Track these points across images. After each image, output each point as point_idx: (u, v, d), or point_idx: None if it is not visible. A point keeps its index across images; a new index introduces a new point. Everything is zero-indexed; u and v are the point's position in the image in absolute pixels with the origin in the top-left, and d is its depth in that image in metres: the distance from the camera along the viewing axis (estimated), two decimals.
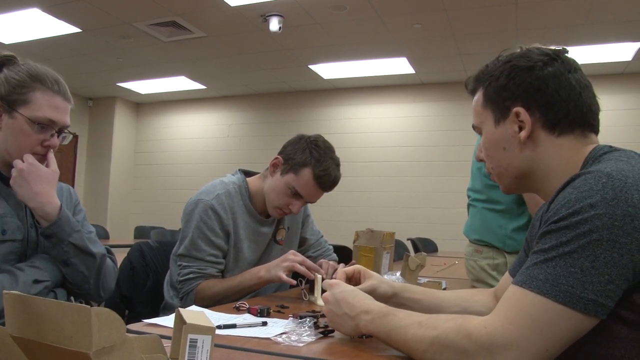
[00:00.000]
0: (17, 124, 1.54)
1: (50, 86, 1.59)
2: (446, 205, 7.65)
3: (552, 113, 1.11)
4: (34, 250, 1.62)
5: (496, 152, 1.18)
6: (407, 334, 1.03)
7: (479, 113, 1.20)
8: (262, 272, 1.92)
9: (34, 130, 1.55)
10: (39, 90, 1.57)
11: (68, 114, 1.64)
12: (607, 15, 5.22)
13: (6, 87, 1.55)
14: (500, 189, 1.25)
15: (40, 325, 0.58)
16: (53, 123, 1.57)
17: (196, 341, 0.77)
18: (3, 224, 1.52)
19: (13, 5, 5.46)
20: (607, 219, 0.88)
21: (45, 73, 1.61)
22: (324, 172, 2.01)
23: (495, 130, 1.16)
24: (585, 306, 0.88)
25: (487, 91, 1.17)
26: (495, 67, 1.17)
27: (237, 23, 5.87)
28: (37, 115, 1.54)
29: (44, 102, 1.57)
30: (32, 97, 1.55)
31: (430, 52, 6.64)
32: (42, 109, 1.56)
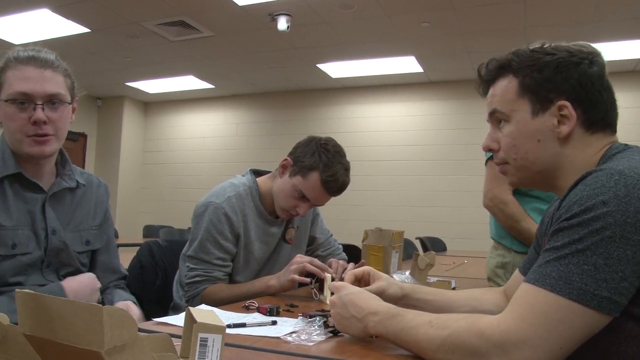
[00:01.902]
0: (2, 111, 1.49)
1: (22, 61, 1.49)
2: (455, 204, 7.62)
3: (593, 112, 1.11)
4: (56, 257, 1.58)
5: (527, 143, 1.14)
6: (417, 334, 1.02)
7: (510, 101, 1.15)
8: (272, 280, 1.92)
9: (15, 110, 1.46)
10: (10, 69, 1.49)
11: (49, 83, 1.51)
12: (617, 12, 5.18)
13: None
14: (508, 181, 1.22)
15: (52, 323, 0.58)
16: (27, 96, 1.46)
17: (206, 340, 0.77)
18: (13, 236, 1.47)
19: (23, 6, 5.49)
20: (619, 216, 0.88)
21: (21, 51, 1.52)
22: (332, 177, 1.99)
23: (531, 121, 1.13)
24: (599, 303, 0.87)
25: (525, 80, 1.13)
26: (532, 58, 1.13)
27: (245, 22, 5.87)
28: (10, 93, 1.46)
29: (14, 77, 1.47)
30: (4, 77, 1.48)
31: (438, 50, 6.62)
32: (13, 84, 1.46)
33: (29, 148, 1.48)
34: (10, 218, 1.47)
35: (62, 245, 1.58)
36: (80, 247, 1.67)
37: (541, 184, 1.19)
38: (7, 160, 1.51)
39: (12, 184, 1.51)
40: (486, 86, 1.23)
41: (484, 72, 1.23)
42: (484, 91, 1.25)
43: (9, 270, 1.46)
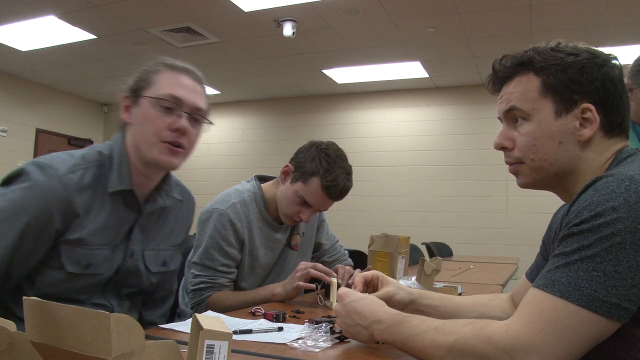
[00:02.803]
0: (143, 110, 1.41)
1: (178, 69, 1.46)
2: (461, 210, 7.60)
3: (614, 116, 1.09)
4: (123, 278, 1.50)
5: (548, 144, 1.10)
6: (424, 340, 1.01)
7: (531, 99, 1.12)
8: (277, 288, 1.91)
9: (159, 112, 1.40)
10: (163, 72, 1.44)
11: (200, 97, 1.48)
12: (623, 17, 5.17)
13: (133, 80, 1.46)
14: (520, 182, 1.19)
15: (59, 331, 0.58)
16: (178, 100, 1.41)
17: (213, 347, 0.76)
18: (90, 257, 1.39)
19: (30, 13, 5.53)
20: (629, 222, 0.87)
21: (176, 61, 1.49)
22: (332, 182, 1.98)
23: (554, 122, 1.09)
24: (609, 310, 0.87)
25: (549, 79, 1.09)
26: (556, 57, 1.10)
27: (250, 28, 5.89)
28: (161, 93, 1.40)
29: (167, 80, 1.43)
30: (156, 78, 1.43)
31: (443, 55, 6.62)
32: (165, 86, 1.41)
33: (159, 155, 1.41)
34: (95, 237, 1.39)
35: (134, 269, 1.52)
36: (156, 268, 1.60)
37: (554, 186, 1.16)
38: (124, 173, 1.44)
39: (115, 200, 1.43)
40: (499, 83, 1.19)
41: (499, 67, 1.19)
42: (495, 88, 1.21)
43: (76, 287, 1.40)
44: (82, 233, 1.36)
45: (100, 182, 1.40)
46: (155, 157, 1.41)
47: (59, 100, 8.88)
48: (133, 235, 1.49)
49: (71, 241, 1.35)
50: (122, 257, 1.48)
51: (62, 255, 1.35)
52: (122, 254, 1.47)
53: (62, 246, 1.34)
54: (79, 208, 1.35)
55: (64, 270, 1.36)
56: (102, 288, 1.48)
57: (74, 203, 1.33)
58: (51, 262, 1.35)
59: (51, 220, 1.31)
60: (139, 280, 1.56)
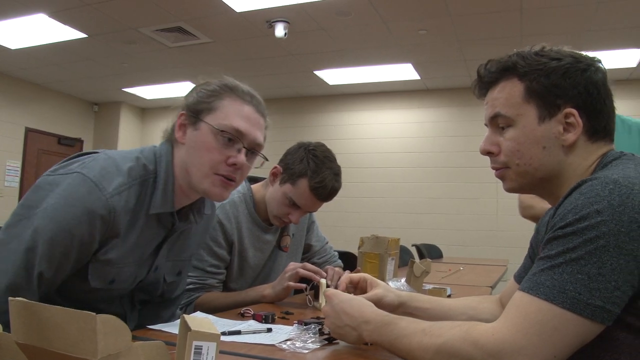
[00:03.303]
0: (201, 136, 1.34)
1: (242, 95, 1.41)
2: (451, 211, 7.63)
3: (597, 120, 1.10)
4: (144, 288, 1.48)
5: (532, 149, 1.10)
6: (411, 342, 1.02)
7: (515, 105, 1.12)
8: (267, 290, 1.91)
9: (219, 143, 1.33)
10: (228, 98, 1.38)
11: (261, 131, 1.42)
12: (612, 22, 5.21)
13: (195, 97, 1.40)
14: (506, 187, 1.19)
15: (45, 332, 0.58)
16: (241, 134, 1.35)
17: (201, 348, 0.76)
18: (116, 273, 1.35)
19: (19, 10, 5.49)
20: (613, 225, 0.88)
21: (239, 84, 1.43)
22: (320, 183, 1.97)
23: (537, 127, 1.10)
24: (593, 312, 0.87)
25: (532, 85, 1.10)
26: (539, 62, 1.10)
27: (242, 29, 5.88)
28: (223, 124, 1.34)
29: (232, 110, 1.37)
30: (220, 105, 1.37)
31: (435, 58, 6.64)
32: (229, 116, 1.35)
33: (211, 187, 1.35)
34: (125, 256, 1.35)
35: (155, 281, 1.50)
36: (172, 278, 1.58)
37: (541, 190, 1.17)
38: (168, 194, 1.38)
39: (151, 220, 1.38)
40: (485, 88, 1.19)
41: (484, 73, 1.18)
42: (481, 93, 1.21)
43: (96, 298, 1.38)
44: (113, 254, 1.32)
45: (140, 202, 1.35)
46: (206, 189, 1.36)
47: (49, 99, 8.82)
48: (161, 251, 1.46)
49: (101, 260, 1.31)
50: (146, 271, 1.45)
51: (90, 272, 1.31)
52: (147, 269, 1.45)
53: (91, 263, 1.31)
54: (119, 230, 1.30)
55: (88, 285, 1.33)
56: (120, 298, 1.47)
57: (116, 226, 1.29)
58: (78, 275, 1.31)
59: (93, 242, 1.27)
60: (156, 289, 1.54)
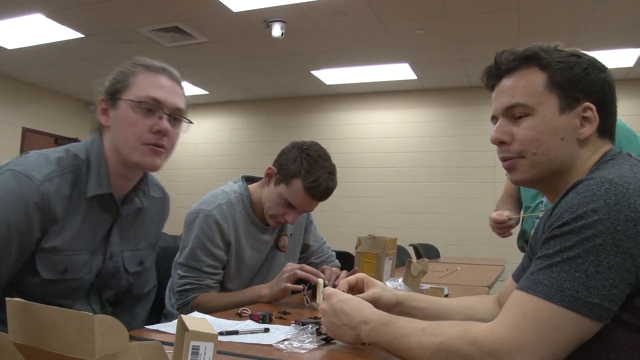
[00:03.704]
0: (122, 113, 1.40)
1: (153, 69, 1.45)
2: (448, 211, 7.63)
3: (608, 119, 1.13)
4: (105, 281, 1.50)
5: (551, 139, 1.11)
6: (410, 342, 1.02)
7: (536, 93, 1.12)
8: (264, 290, 1.91)
9: (139, 115, 1.39)
10: (141, 74, 1.43)
11: (179, 97, 1.47)
12: (609, 22, 5.22)
13: (110, 81, 1.44)
14: (516, 177, 1.17)
15: (43, 332, 0.58)
16: (158, 102, 1.41)
17: (198, 348, 0.76)
18: (67, 262, 1.38)
19: (16, 10, 5.48)
20: (610, 224, 0.89)
21: (150, 60, 1.47)
22: (314, 183, 1.96)
23: (558, 118, 1.11)
24: (591, 310, 0.88)
25: (556, 76, 1.11)
26: (560, 55, 1.13)
27: (239, 29, 5.88)
28: (140, 95, 1.39)
29: (146, 82, 1.42)
30: (134, 81, 1.42)
31: (432, 57, 6.64)
32: (144, 88, 1.40)
33: (142, 157, 1.41)
34: (71, 243, 1.38)
35: (115, 270, 1.51)
36: (134, 268, 1.60)
37: (547, 184, 1.17)
38: (103, 176, 1.42)
39: (92, 204, 1.42)
40: (498, 76, 1.19)
41: (502, 60, 1.18)
42: (491, 82, 1.21)
43: (56, 293, 1.39)
44: (57, 241, 1.35)
45: (76, 188, 1.39)
46: (138, 160, 1.41)
47: (45, 99, 8.80)
48: (112, 238, 1.48)
49: (45, 249, 1.34)
50: (101, 260, 1.47)
51: (38, 263, 1.34)
52: (101, 257, 1.47)
53: (37, 254, 1.33)
54: (56, 216, 1.33)
55: (40, 277, 1.35)
56: (86, 292, 1.48)
57: (51, 212, 1.32)
58: (28, 269, 1.34)
59: (31, 231, 1.30)
60: (119, 282, 1.56)
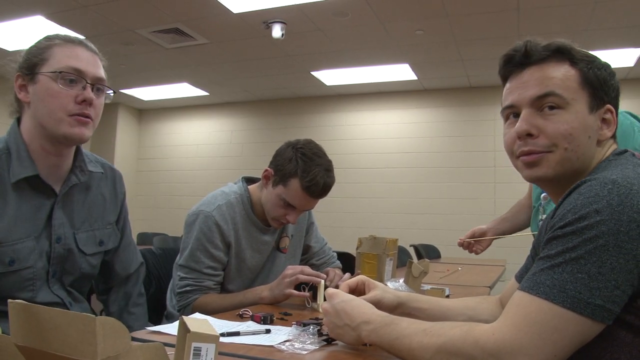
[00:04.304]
0: (42, 86, 1.38)
1: (70, 40, 1.45)
2: (449, 212, 7.63)
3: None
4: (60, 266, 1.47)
5: (582, 136, 1.09)
6: (411, 342, 1.02)
7: (571, 88, 1.09)
8: (264, 292, 1.91)
9: (62, 86, 1.37)
10: (57, 46, 1.42)
11: (98, 67, 1.47)
12: (609, 21, 5.21)
13: (25, 58, 1.42)
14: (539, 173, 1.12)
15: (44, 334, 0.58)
16: (80, 72, 1.40)
17: (200, 349, 0.76)
18: (12, 252, 1.34)
19: (17, 12, 5.48)
20: (612, 225, 0.88)
21: (65, 34, 1.47)
22: (311, 181, 1.96)
23: (588, 116, 1.10)
24: (593, 311, 0.88)
25: (589, 74, 1.10)
26: (587, 55, 1.13)
27: (239, 30, 5.88)
28: (60, 67, 1.38)
29: (65, 54, 1.41)
30: (51, 53, 1.40)
31: (432, 58, 6.64)
32: (63, 60, 1.39)
33: (69, 128, 1.38)
34: (10, 232, 1.34)
35: (66, 253, 1.48)
36: (92, 249, 1.57)
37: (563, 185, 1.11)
38: (23, 159, 1.39)
39: (21, 189, 1.38)
40: (524, 64, 1.15)
41: (533, 48, 1.14)
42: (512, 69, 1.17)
43: (12, 285, 1.36)
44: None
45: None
46: (65, 132, 1.39)
47: None
48: (54, 220, 1.45)
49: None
50: (48, 244, 1.44)
51: None
52: (47, 242, 1.44)
53: None
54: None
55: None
56: (45, 281, 1.44)
57: None
58: None
59: None
60: (76, 265, 1.52)
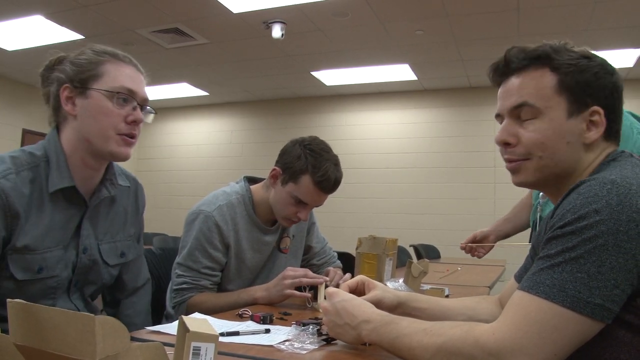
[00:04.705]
0: (94, 103, 1.38)
1: (121, 58, 1.46)
2: (449, 212, 7.63)
3: (615, 123, 1.12)
4: (83, 276, 1.49)
5: (557, 143, 1.09)
6: (412, 341, 1.02)
7: (545, 96, 1.10)
8: (259, 292, 1.90)
9: (115, 105, 1.38)
10: (109, 62, 1.42)
11: (144, 87, 1.48)
12: (609, 22, 5.22)
13: (73, 69, 1.41)
14: (519, 179, 1.16)
15: (44, 333, 0.58)
16: (133, 93, 1.42)
17: (199, 349, 0.76)
18: (41, 260, 1.36)
19: (16, 12, 5.48)
20: (612, 224, 0.89)
21: (112, 48, 1.47)
22: (323, 177, 1.96)
23: (565, 122, 1.09)
24: (592, 311, 0.88)
25: (567, 79, 1.09)
26: (570, 56, 1.11)
27: (239, 30, 5.88)
28: (115, 86, 1.39)
29: (118, 72, 1.42)
30: (104, 70, 1.40)
31: (432, 58, 6.64)
32: (117, 79, 1.40)
33: (116, 147, 1.41)
34: (42, 241, 1.36)
35: (91, 264, 1.50)
36: (114, 260, 1.59)
37: (550, 187, 1.17)
38: (63, 170, 1.39)
39: (56, 199, 1.39)
40: (506, 74, 1.17)
41: (512, 57, 1.15)
42: (499, 79, 1.19)
43: (35, 292, 1.37)
44: (26, 239, 1.33)
45: (37, 185, 1.37)
46: (112, 150, 1.41)
47: None
48: (83, 231, 1.46)
49: (18, 249, 1.32)
50: (75, 254, 1.45)
51: (11, 265, 1.32)
52: (74, 252, 1.45)
53: (9, 255, 1.31)
54: (18, 212, 1.31)
55: (15, 279, 1.33)
56: (66, 289, 1.46)
57: (11, 208, 1.30)
58: (0, 273, 1.32)
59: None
60: (99, 275, 1.54)
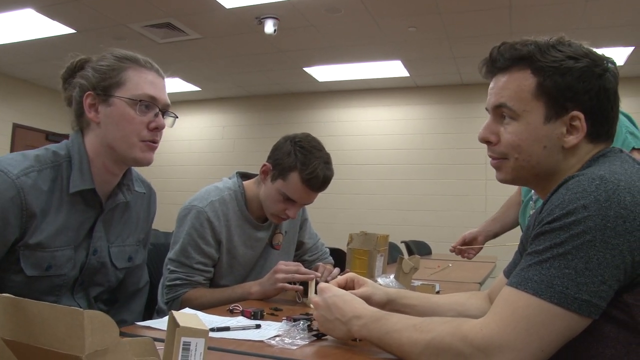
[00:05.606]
0: (117, 110, 1.39)
1: (143, 64, 1.45)
2: (440, 208, 7.65)
3: (603, 126, 1.09)
4: (90, 277, 1.49)
5: (533, 146, 1.09)
6: (401, 337, 1.02)
7: (523, 100, 1.09)
8: (253, 287, 1.90)
9: (138, 112, 1.39)
10: (131, 69, 1.42)
11: (166, 92, 1.48)
12: (600, 20, 5.24)
13: (96, 76, 1.41)
14: (500, 177, 1.17)
15: (32, 328, 0.58)
16: (155, 100, 1.42)
17: (189, 344, 0.76)
18: (51, 258, 1.36)
19: (7, 5, 5.44)
20: (599, 220, 0.89)
21: (133, 53, 1.47)
22: (311, 174, 1.95)
23: (542, 126, 1.08)
24: (580, 307, 0.89)
25: (546, 82, 1.07)
26: (554, 58, 1.07)
27: (232, 25, 5.86)
28: (137, 94, 1.39)
29: (140, 79, 1.42)
30: (126, 77, 1.41)
31: (424, 55, 6.65)
32: (139, 86, 1.41)
33: (140, 153, 1.42)
34: (54, 239, 1.37)
35: (99, 265, 1.50)
36: (122, 264, 1.59)
37: (534, 184, 1.17)
38: (85, 172, 1.41)
39: (75, 200, 1.40)
40: (493, 72, 1.17)
41: (496, 57, 1.15)
42: (488, 75, 1.18)
43: (40, 289, 1.38)
44: (40, 237, 1.33)
45: (57, 184, 1.37)
46: (136, 156, 1.42)
47: (36, 95, 8.74)
48: (95, 233, 1.47)
49: (30, 246, 1.32)
50: (85, 255, 1.46)
51: (22, 260, 1.32)
52: (84, 252, 1.46)
53: (21, 251, 1.32)
54: (34, 211, 1.31)
55: (24, 274, 1.33)
56: (70, 289, 1.47)
57: (29, 206, 1.30)
58: (10, 267, 1.33)
59: (7, 226, 1.28)
60: (106, 277, 1.55)
